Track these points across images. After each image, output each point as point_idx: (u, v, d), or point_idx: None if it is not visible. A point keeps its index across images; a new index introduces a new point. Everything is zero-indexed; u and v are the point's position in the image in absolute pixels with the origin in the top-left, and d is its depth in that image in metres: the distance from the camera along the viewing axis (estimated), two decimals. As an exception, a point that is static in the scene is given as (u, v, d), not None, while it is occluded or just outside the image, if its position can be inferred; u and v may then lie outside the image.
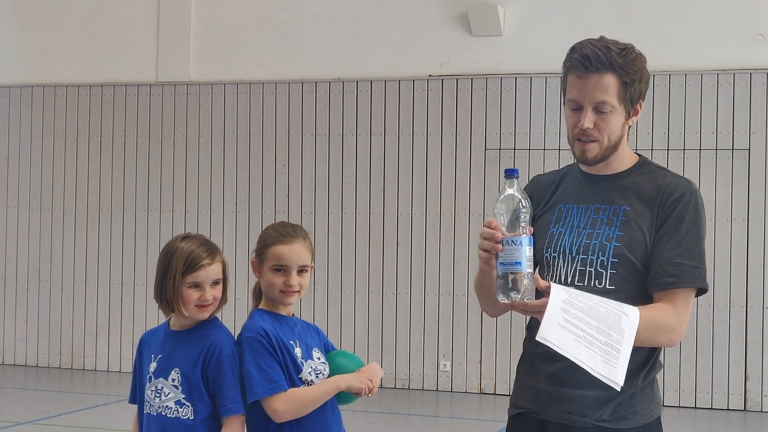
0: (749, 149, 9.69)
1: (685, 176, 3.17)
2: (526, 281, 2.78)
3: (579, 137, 3.04)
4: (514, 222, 2.81)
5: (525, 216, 2.82)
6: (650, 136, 9.79)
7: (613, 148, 3.06)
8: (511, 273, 2.78)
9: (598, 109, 3.00)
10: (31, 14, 11.70)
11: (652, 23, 9.85)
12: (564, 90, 3.10)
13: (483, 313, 10.30)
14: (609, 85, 2.99)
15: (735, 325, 9.67)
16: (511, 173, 2.85)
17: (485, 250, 2.87)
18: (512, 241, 2.79)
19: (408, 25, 10.56)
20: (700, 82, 9.80)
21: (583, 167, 3.16)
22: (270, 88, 10.96)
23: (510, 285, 2.79)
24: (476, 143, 10.37)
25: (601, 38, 3.08)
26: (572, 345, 2.73)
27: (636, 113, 3.09)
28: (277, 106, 10.94)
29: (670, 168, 3.32)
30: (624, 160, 3.12)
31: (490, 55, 10.33)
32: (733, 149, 9.71)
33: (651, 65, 2.99)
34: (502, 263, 2.80)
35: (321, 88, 10.81)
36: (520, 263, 2.78)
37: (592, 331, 2.77)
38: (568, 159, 9.84)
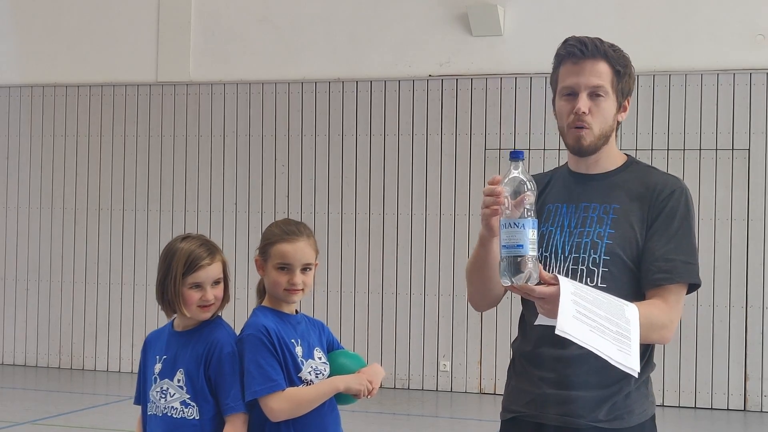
0: (749, 149, 9.68)
1: (684, 176, 3.18)
2: (530, 264, 2.73)
3: (574, 124, 3.05)
4: (517, 204, 2.75)
5: (530, 198, 2.76)
6: (650, 136, 9.78)
7: (605, 139, 3.08)
8: (513, 256, 2.73)
9: (594, 94, 3.04)
10: (31, 14, 11.69)
11: (652, 23, 9.85)
12: (555, 82, 3.13)
13: (483, 313, 10.33)
14: (603, 71, 3.05)
15: (735, 325, 9.67)
16: (516, 155, 2.81)
17: (487, 206, 2.85)
18: (515, 223, 2.73)
19: (408, 25, 10.56)
20: (700, 82, 9.80)
21: (571, 166, 3.17)
22: (270, 88, 10.96)
23: (512, 268, 2.73)
24: (476, 143, 10.38)
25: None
26: (588, 335, 2.73)
27: (625, 109, 3.13)
28: (277, 106, 10.94)
29: (670, 168, 3.34)
30: (613, 159, 3.14)
31: (490, 55, 10.33)
32: (733, 149, 9.71)
33: (651, 65, 3.00)
34: (504, 246, 2.74)
35: (321, 88, 10.81)
36: (522, 246, 2.72)
37: (602, 321, 2.77)
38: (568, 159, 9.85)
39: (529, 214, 2.75)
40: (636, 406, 3.04)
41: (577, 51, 3.05)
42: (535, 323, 3.04)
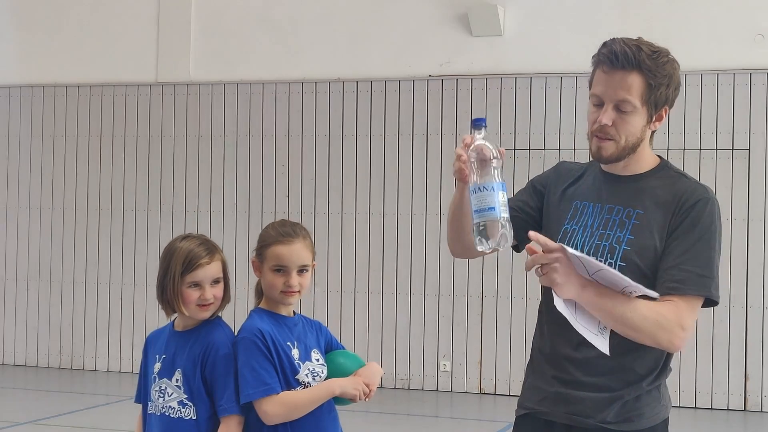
0: (749, 149, 9.68)
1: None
2: (501, 227, 2.72)
3: (596, 133, 3.01)
4: (484, 169, 2.75)
5: (495, 165, 2.76)
6: (650, 136, 9.78)
7: (631, 149, 3.02)
8: (486, 219, 2.72)
9: (619, 108, 2.97)
10: (31, 14, 11.69)
11: (653, 23, 9.84)
12: (589, 84, 3.07)
13: (483, 313, 10.33)
14: (633, 84, 2.95)
15: (735, 325, 9.67)
16: (478, 122, 2.81)
17: (456, 167, 2.84)
18: (484, 186, 2.73)
19: (408, 25, 10.56)
20: (700, 82, 9.80)
21: (603, 165, 3.13)
22: (270, 88, 10.96)
23: (486, 232, 2.73)
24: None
25: (639, 39, 3.05)
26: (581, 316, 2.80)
27: (660, 119, 3.04)
28: (277, 106, 10.93)
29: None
30: (644, 162, 3.09)
31: (490, 55, 10.33)
32: (733, 149, 9.71)
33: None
34: (476, 211, 2.74)
35: (321, 88, 10.81)
36: (494, 208, 2.72)
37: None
38: (568, 159, 9.85)
39: (496, 177, 2.75)
40: (647, 410, 3.04)
41: (607, 60, 2.97)
42: (555, 303, 3.00)
